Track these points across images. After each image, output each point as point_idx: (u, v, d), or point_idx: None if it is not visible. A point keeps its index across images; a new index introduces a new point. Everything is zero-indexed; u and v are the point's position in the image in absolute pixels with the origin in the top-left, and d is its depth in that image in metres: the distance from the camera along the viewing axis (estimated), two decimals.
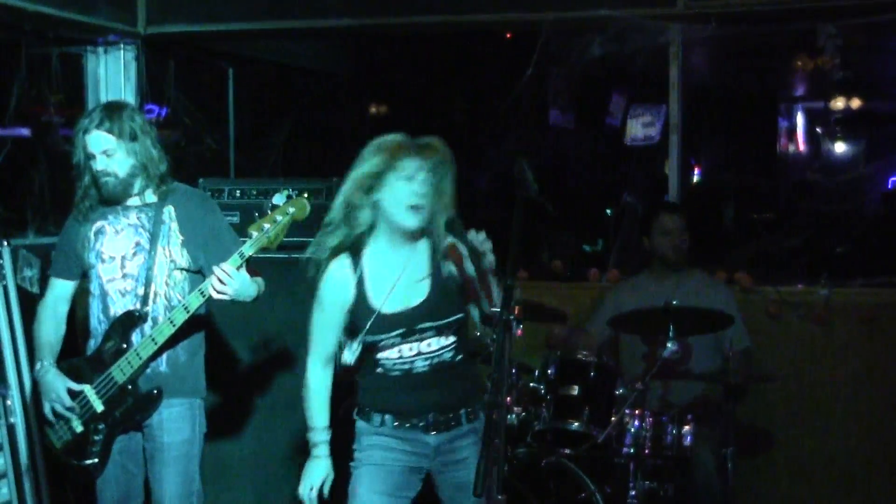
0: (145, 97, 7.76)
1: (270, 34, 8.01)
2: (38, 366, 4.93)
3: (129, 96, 7.64)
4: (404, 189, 4.18)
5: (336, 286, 4.32)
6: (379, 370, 4.37)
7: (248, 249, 4.57)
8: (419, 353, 4.32)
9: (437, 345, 4.33)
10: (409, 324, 4.27)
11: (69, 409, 4.81)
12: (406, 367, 4.33)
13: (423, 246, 4.34)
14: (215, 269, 4.56)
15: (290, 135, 9.99)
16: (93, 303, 4.90)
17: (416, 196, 4.18)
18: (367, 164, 4.27)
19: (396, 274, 4.28)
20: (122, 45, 7.68)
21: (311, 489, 4.45)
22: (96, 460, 4.82)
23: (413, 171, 4.19)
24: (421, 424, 4.34)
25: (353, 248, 4.31)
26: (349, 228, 4.28)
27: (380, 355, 4.35)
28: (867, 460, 6.74)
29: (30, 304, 6.20)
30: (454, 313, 4.32)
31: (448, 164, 4.25)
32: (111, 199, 4.83)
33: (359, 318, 4.31)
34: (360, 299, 4.30)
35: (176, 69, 8.17)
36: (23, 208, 7.57)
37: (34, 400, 5.82)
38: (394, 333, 4.28)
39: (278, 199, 4.64)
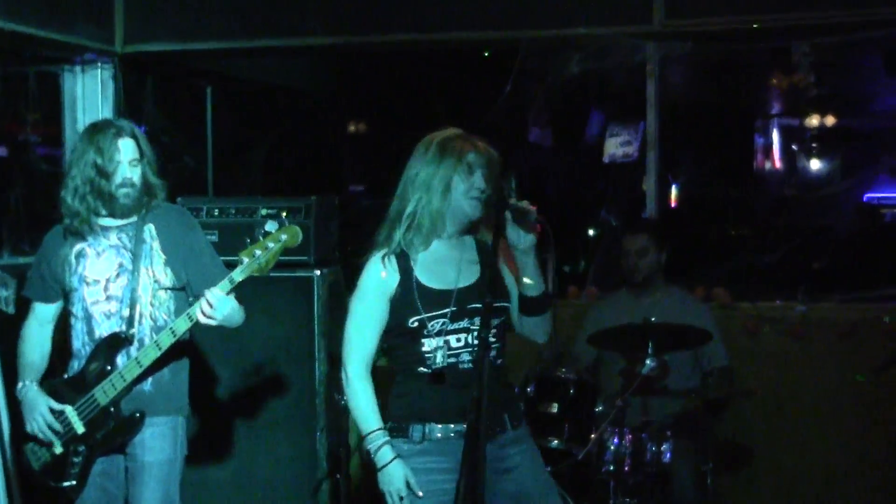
0: (123, 116, 7.74)
1: (248, 53, 8.01)
2: (19, 385, 4.90)
3: (106, 115, 7.61)
4: (468, 181, 4.18)
5: (378, 272, 4.24)
6: (420, 369, 4.20)
7: (239, 275, 4.52)
8: (466, 346, 4.17)
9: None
10: (459, 302, 4.15)
11: (52, 429, 4.78)
12: (452, 360, 4.17)
13: (469, 238, 4.30)
14: (206, 293, 4.54)
15: (269, 153, 9.99)
16: (76, 325, 4.86)
17: (477, 188, 4.17)
18: (439, 167, 4.24)
19: (446, 257, 4.22)
20: (99, 64, 7.67)
21: (401, 498, 4.11)
22: (74, 482, 4.78)
23: (475, 164, 4.20)
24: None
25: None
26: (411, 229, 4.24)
27: (425, 346, 4.18)
28: (846, 475, 6.77)
29: (5, 324, 6.17)
30: (502, 299, 4.21)
31: (497, 160, 4.25)
32: (120, 212, 4.79)
33: (405, 300, 4.19)
34: (407, 280, 4.19)
35: (154, 87, 8.16)
36: None
37: (10, 421, 5.78)
38: (443, 311, 4.15)
39: (270, 225, 4.59)
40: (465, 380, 4.06)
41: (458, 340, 4.17)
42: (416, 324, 4.16)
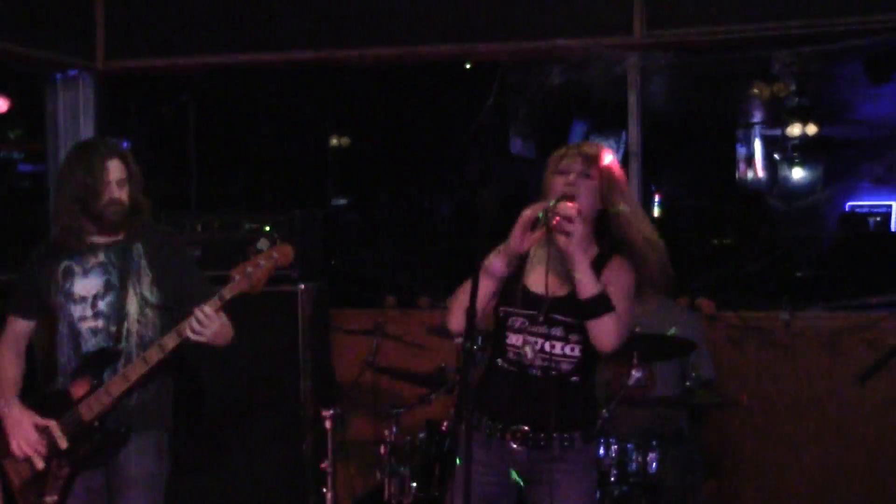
0: (105, 131, 7.73)
1: (230, 67, 8.00)
2: (1, 402, 4.88)
3: (88, 130, 7.61)
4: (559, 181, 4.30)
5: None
6: (499, 361, 4.34)
7: (229, 293, 4.53)
8: (541, 351, 4.26)
9: (559, 350, 4.27)
10: (544, 309, 4.23)
11: (36, 446, 4.76)
12: (523, 363, 4.28)
13: (590, 249, 4.31)
14: (195, 311, 4.53)
15: (253, 167, 10.00)
16: (62, 341, 4.85)
17: (568, 186, 4.26)
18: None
19: (550, 261, 4.22)
20: (81, 80, 7.65)
21: None
22: (56, 497, 4.77)
23: (566, 165, 4.34)
24: (509, 432, 4.27)
25: None
26: None
27: (507, 339, 4.31)
28: (832, 483, 6.78)
29: None
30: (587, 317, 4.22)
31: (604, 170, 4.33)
32: (108, 230, 4.80)
33: (506, 288, 4.32)
34: (516, 273, 4.31)
35: (136, 102, 8.16)
36: None
37: None
38: (526, 312, 4.26)
39: (262, 243, 4.60)
40: (529, 387, 4.28)
41: (535, 343, 4.31)
42: (502, 312, 4.38)
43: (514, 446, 4.29)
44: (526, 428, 4.27)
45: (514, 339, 4.31)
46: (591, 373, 4.38)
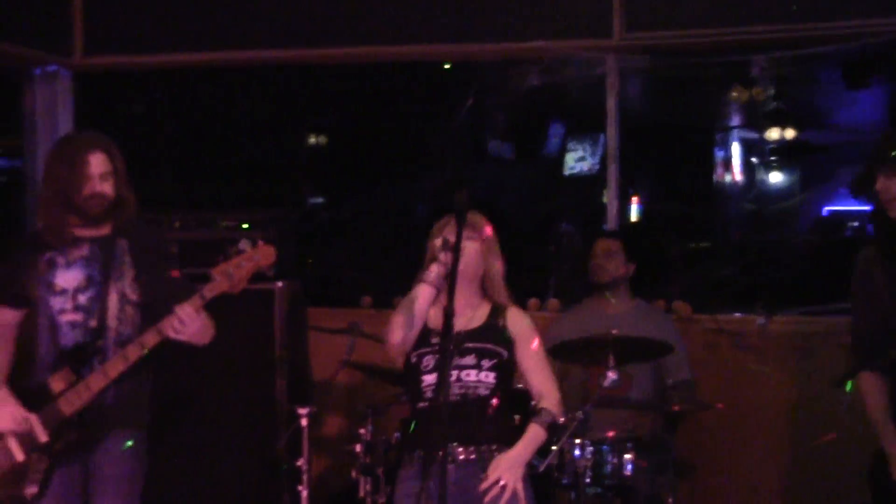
0: (81, 127, 7.71)
1: (206, 65, 7.98)
2: None
3: (65, 126, 7.59)
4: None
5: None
6: (418, 405, 4.62)
7: (210, 292, 4.57)
8: (457, 380, 4.52)
9: (474, 377, 4.56)
10: (456, 344, 4.41)
11: (20, 424, 4.73)
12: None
13: (484, 304, 4.77)
14: (177, 309, 4.54)
15: (228, 165, 9.97)
16: (41, 333, 4.85)
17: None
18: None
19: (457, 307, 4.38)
20: (58, 75, 7.63)
21: None
22: (36, 489, 4.75)
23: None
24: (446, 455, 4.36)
25: None
26: None
27: (423, 382, 4.58)
28: (805, 487, 6.79)
29: None
30: (498, 345, 4.61)
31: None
32: (91, 224, 4.80)
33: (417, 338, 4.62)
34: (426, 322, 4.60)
35: (112, 99, 8.13)
36: None
37: None
38: (436, 348, 4.48)
39: (244, 244, 4.61)
40: (449, 411, 4.36)
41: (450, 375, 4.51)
42: (414, 356, 4.70)
43: (451, 467, 4.41)
44: (457, 445, 4.50)
45: (429, 378, 4.58)
46: (507, 397, 4.65)
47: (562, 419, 4.73)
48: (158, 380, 5.02)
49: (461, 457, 4.51)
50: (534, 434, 4.57)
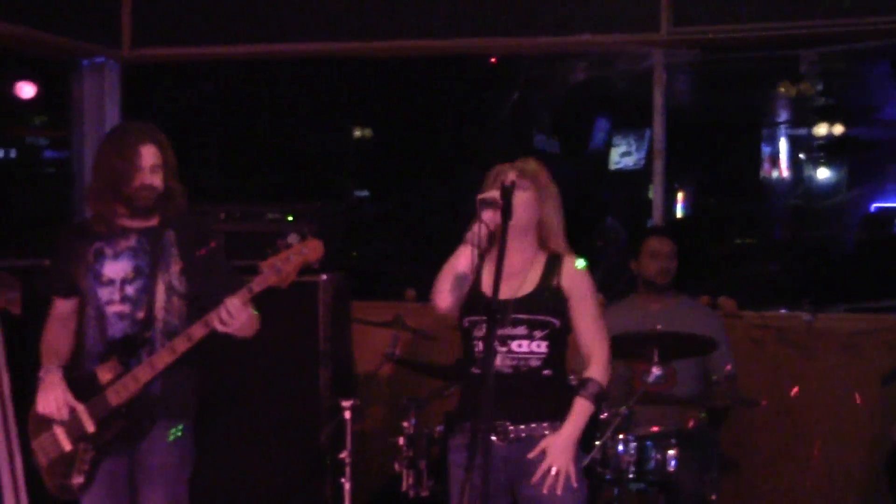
0: (129, 118, 7.75)
1: (254, 57, 8.01)
2: (43, 369, 4.88)
3: (113, 117, 7.64)
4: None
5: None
6: (471, 370, 4.51)
7: (258, 286, 4.58)
8: (508, 352, 4.44)
9: (526, 348, 4.46)
10: (503, 315, 4.34)
11: (64, 409, 4.76)
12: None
13: (539, 255, 4.59)
14: (225, 302, 4.56)
15: (275, 157, 10.00)
16: (89, 324, 4.86)
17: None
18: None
19: (509, 268, 4.36)
20: (106, 67, 7.67)
21: None
22: (82, 479, 4.78)
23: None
24: (492, 430, 4.37)
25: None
26: None
27: (476, 348, 4.50)
28: (849, 486, 6.75)
29: (11, 327, 6.18)
30: (550, 315, 4.47)
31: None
32: (140, 216, 4.82)
33: (467, 298, 4.52)
34: (475, 283, 4.51)
35: (160, 91, 8.17)
36: (4, 230, 7.55)
37: (18, 425, 5.77)
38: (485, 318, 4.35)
39: (292, 238, 4.62)
40: (501, 386, 4.33)
41: (501, 345, 4.45)
42: (465, 321, 4.59)
43: (496, 441, 4.41)
44: (507, 422, 4.43)
45: (481, 346, 4.45)
46: (561, 363, 4.56)
47: (605, 384, 4.54)
48: (203, 372, 5.04)
49: (511, 434, 4.44)
50: (580, 409, 4.45)
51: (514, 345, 4.44)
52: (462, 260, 4.46)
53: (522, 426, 4.44)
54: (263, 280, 4.57)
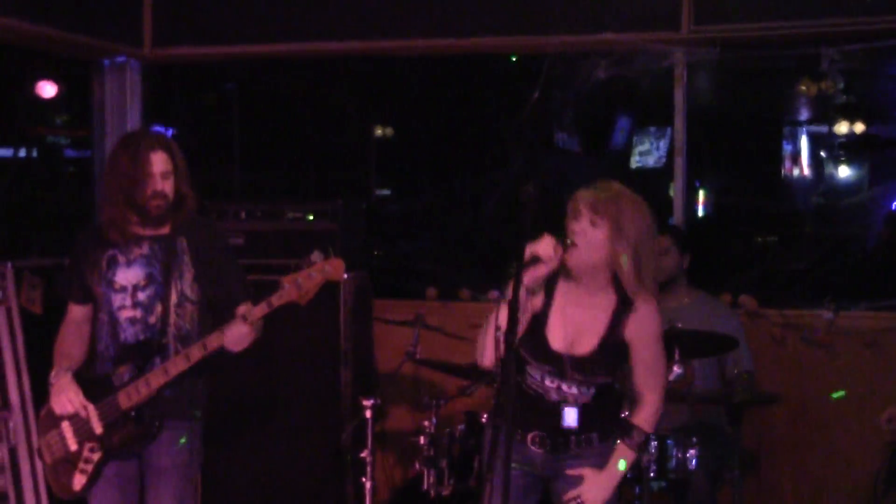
0: (151, 118, 7.77)
1: (274, 56, 8.02)
2: (54, 372, 4.91)
3: (134, 117, 7.65)
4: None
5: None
6: (520, 380, 4.46)
7: (278, 300, 4.62)
8: (558, 388, 4.44)
9: (575, 390, 4.43)
10: (560, 368, 4.39)
11: (77, 407, 4.78)
12: (540, 392, 4.45)
13: (610, 297, 4.41)
14: (245, 312, 4.62)
15: (296, 156, 10.02)
16: (102, 328, 4.90)
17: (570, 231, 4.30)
18: None
19: (576, 314, 4.37)
20: (128, 66, 7.69)
21: None
22: (84, 480, 4.80)
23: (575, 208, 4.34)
24: (529, 436, 4.45)
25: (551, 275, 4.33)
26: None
27: (529, 370, 4.45)
28: (871, 483, 6.73)
29: (33, 325, 6.21)
30: (606, 376, 4.44)
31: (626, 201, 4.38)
32: (152, 222, 4.84)
33: (527, 337, 4.37)
34: (539, 321, 4.41)
35: (181, 90, 8.19)
36: (26, 229, 7.58)
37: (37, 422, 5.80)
38: (545, 367, 4.41)
39: (315, 256, 4.64)
40: (547, 408, 4.46)
41: (552, 382, 4.46)
42: (526, 355, 4.48)
43: (533, 448, 4.47)
44: (545, 435, 4.47)
45: (534, 373, 4.46)
46: (611, 393, 4.54)
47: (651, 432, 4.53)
48: (226, 371, 5.05)
49: (548, 444, 4.46)
50: (624, 455, 4.44)
51: (565, 385, 4.43)
52: (502, 317, 4.10)
53: (560, 439, 4.46)
54: (284, 295, 4.61)
